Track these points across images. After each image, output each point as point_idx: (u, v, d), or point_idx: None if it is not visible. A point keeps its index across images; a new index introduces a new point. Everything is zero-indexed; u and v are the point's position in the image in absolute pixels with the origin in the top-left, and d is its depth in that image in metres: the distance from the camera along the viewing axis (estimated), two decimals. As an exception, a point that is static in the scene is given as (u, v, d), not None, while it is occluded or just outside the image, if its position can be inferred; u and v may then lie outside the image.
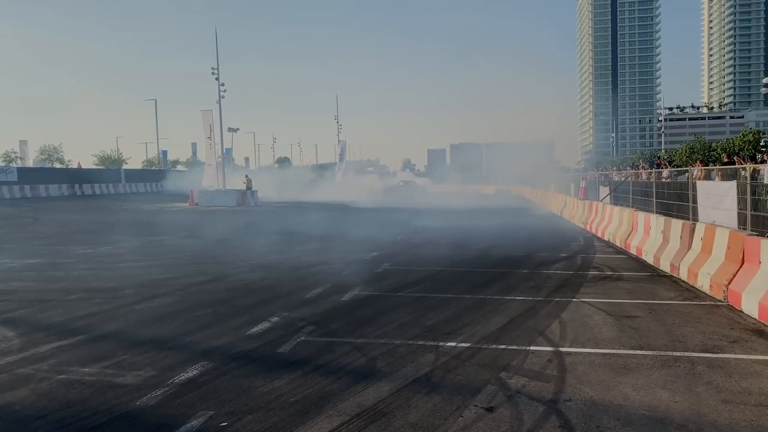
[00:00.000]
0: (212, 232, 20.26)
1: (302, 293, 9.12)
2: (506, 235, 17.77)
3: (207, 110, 42.39)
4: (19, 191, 50.80)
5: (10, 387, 5.19)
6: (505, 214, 26.81)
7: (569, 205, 25.04)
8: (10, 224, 23.25)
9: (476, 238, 17.15)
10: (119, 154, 72.66)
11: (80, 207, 36.65)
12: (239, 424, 4.37)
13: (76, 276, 11.01)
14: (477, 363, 5.73)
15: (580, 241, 16.38)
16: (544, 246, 14.97)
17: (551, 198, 32.44)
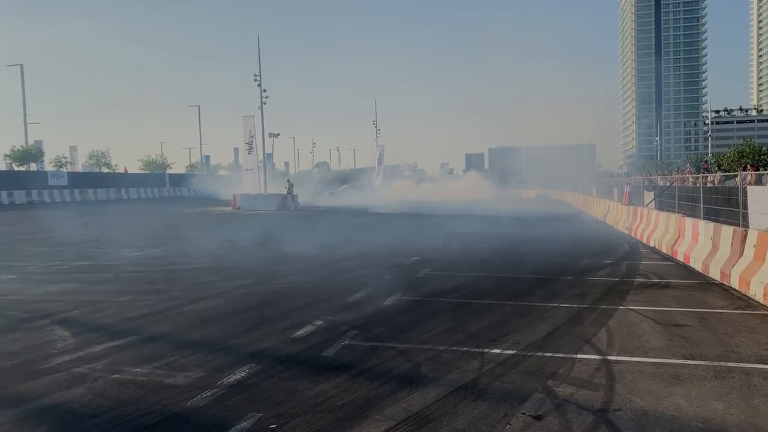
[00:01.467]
0: (254, 235, 20.57)
1: (344, 297, 9.18)
2: (548, 241, 17.55)
3: (249, 116, 43.12)
4: (69, 195, 52.53)
5: (67, 385, 5.37)
6: (546, 218, 26.48)
7: (613, 210, 24.57)
8: (62, 227, 24.04)
9: (517, 243, 16.98)
10: (163, 159, 74.35)
11: (126, 210, 37.68)
12: (287, 427, 4.43)
13: (126, 278, 11.32)
14: (523, 370, 5.68)
15: (624, 247, 16.06)
16: (588, 252, 14.73)
17: (594, 203, 31.90)
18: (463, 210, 31.73)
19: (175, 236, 20.05)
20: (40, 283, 10.68)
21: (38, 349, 6.55)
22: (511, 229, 21.60)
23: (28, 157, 57.71)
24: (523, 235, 19.28)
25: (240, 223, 26.87)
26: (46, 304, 8.92)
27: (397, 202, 39.26)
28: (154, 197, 62.18)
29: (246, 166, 44.74)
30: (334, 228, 23.19)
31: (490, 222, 24.25)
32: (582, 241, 17.42)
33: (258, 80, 41.71)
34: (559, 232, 20.20)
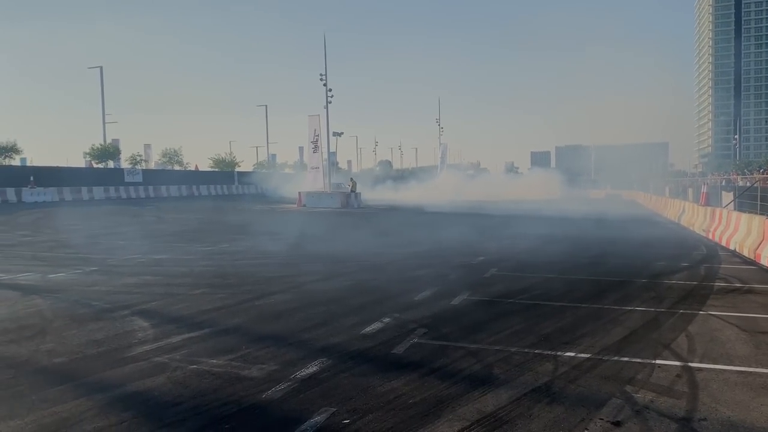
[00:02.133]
0: (319, 232, 20.88)
1: (411, 295, 9.17)
2: (619, 242, 16.99)
3: (314, 115, 43.77)
4: (144, 191, 54.82)
5: (149, 374, 5.58)
6: (617, 219, 25.65)
7: (688, 211, 23.55)
8: (138, 222, 25.12)
9: (587, 244, 16.53)
10: (232, 157, 76.49)
11: (198, 207, 38.96)
12: (361, 423, 4.45)
13: (199, 272, 11.70)
14: (599, 375, 5.51)
15: (702, 249, 15.36)
16: (663, 254, 14.16)
17: (667, 203, 30.67)
18: (529, 210, 31.16)
19: (243, 232, 20.58)
20: (119, 276, 11.18)
21: (120, 338, 6.84)
22: (580, 230, 21.05)
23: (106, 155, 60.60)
24: (593, 237, 18.76)
25: (305, 220, 27.34)
26: (125, 295, 9.33)
27: (459, 201, 38.97)
28: (223, 194, 64.09)
29: (311, 165, 45.48)
30: (397, 226, 23.24)
31: (558, 222, 23.71)
32: (656, 243, 16.77)
33: (324, 80, 42.28)
34: (631, 234, 19.52)
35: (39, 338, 6.85)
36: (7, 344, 6.61)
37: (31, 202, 41.29)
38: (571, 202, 39.88)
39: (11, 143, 54.02)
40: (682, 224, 23.09)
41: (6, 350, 6.39)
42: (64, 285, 10.21)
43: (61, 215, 29.16)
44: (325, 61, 42.47)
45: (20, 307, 8.54)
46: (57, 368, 5.82)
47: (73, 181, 48.14)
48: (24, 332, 7.10)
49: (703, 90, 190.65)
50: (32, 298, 9.10)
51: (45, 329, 7.25)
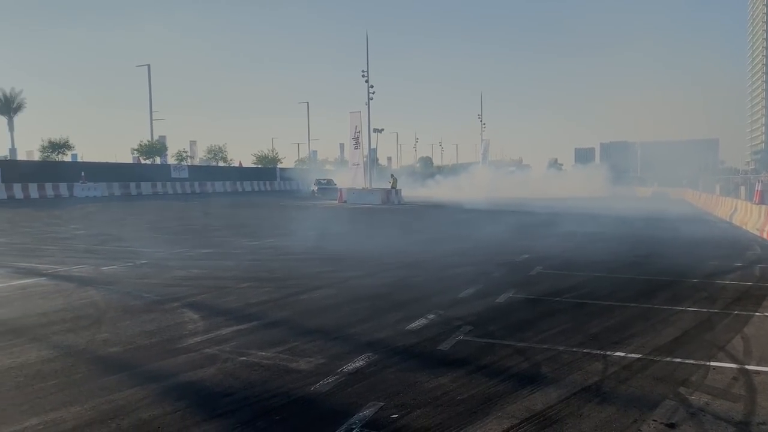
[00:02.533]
0: (360, 228, 20.99)
1: (454, 292, 9.14)
2: (668, 241, 16.57)
3: (355, 112, 44.05)
4: (190, 187, 56.02)
5: (200, 365, 5.71)
6: (665, 218, 25.01)
7: (740, 209, 22.79)
8: (184, 217, 25.71)
9: (634, 243, 16.18)
10: (275, 154, 77.48)
11: (241, 202, 39.64)
12: (409, 418, 4.47)
13: (246, 266, 11.91)
14: (651, 375, 5.39)
15: (756, 249, 14.84)
16: (714, 254, 13.75)
17: (717, 202, 29.74)
18: (573, 207, 30.65)
19: (287, 228, 20.84)
20: (168, 269, 11.46)
21: (172, 329, 7.02)
22: (626, 228, 20.61)
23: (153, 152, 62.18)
24: (640, 235, 18.35)
25: (347, 216, 27.51)
26: (175, 288, 9.56)
27: (501, 198, 38.61)
28: (265, 190, 64.99)
29: (352, 161, 45.76)
30: (439, 223, 23.17)
31: (604, 220, 23.25)
32: (707, 242, 16.30)
33: (366, 77, 42.45)
34: (680, 232, 19.01)
35: (94, 328, 7.08)
36: (65, 333, 6.86)
37: (83, 196, 42.68)
38: (617, 200, 39.06)
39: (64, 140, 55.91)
40: (734, 223, 22.36)
41: (64, 339, 6.63)
42: (116, 277, 10.53)
43: (111, 210, 30.07)
44: (367, 58, 42.80)
45: (76, 297, 8.85)
46: (112, 357, 6.01)
47: (121, 176, 49.57)
48: (80, 322, 7.36)
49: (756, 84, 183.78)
50: (86, 290, 9.41)
51: (100, 319, 7.49)
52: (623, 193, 50.39)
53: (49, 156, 55.29)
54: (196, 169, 62.41)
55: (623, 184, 58.26)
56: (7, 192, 39.86)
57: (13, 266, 11.81)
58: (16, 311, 7.93)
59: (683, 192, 47.03)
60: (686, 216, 26.99)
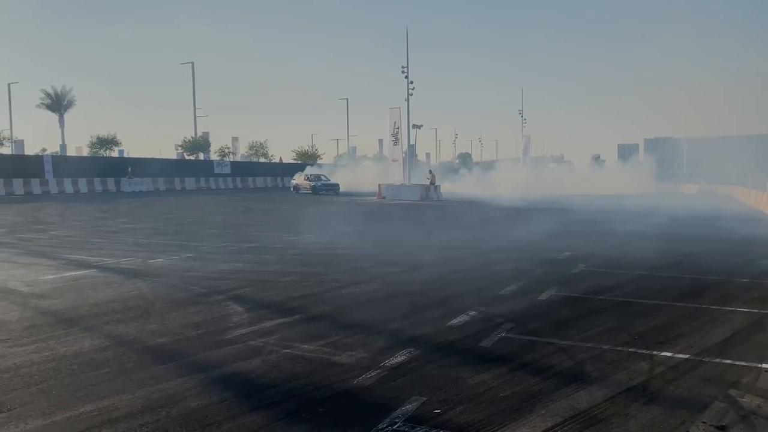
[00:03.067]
0: (400, 224, 21.02)
1: (496, 289, 9.09)
2: (715, 240, 16.11)
3: (395, 108, 44.03)
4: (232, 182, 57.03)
5: (245, 356, 5.84)
6: (712, 216, 24.31)
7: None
8: (228, 212, 26.19)
9: (680, 241, 15.79)
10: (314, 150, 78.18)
11: (282, 197, 40.13)
12: (452, 413, 4.48)
13: (288, 260, 12.08)
14: (699, 376, 5.28)
15: (809, 249, 14.31)
16: (765, 253, 13.32)
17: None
18: (616, 205, 30.06)
19: (327, 223, 21.03)
20: (213, 262, 11.70)
21: (217, 321, 7.18)
22: (672, 226, 20.12)
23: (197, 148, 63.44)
24: (686, 234, 17.89)
25: (385, 212, 27.59)
26: (220, 281, 9.76)
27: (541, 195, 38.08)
28: (304, 186, 65.49)
29: (391, 157, 45.80)
30: (478, 219, 23.03)
31: (649, 218, 22.74)
32: (756, 241, 15.79)
33: (405, 73, 42.40)
34: (728, 231, 18.45)
35: (143, 319, 7.30)
36: (116, 324, 7.08)
37: (129, 191, 43.89)
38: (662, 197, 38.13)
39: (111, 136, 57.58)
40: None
41: (115, 329, 6.85)
42: (162, 270, 10.81)
43: (157, 204, 30.83)
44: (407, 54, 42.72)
45: (124, 289, 9.12)
46: (161, 347, 6.18)
47: (166, 171, 50.74)
48: (129, 313, 7.59)
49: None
50: (135, 282, 9.69)
51: (148, 311, 7.71)
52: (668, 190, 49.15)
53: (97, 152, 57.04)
54: (238, 164, 63.42)
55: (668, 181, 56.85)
56: (58, 187, 41.28)
57: (65, 258, 12.23)
58: (69, 302, 8.23)
59: (732, 189, 45.59)
60: (735, 214, 26.17)
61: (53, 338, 6.43)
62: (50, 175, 41.72)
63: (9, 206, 27.71)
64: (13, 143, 61.10)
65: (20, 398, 4.76)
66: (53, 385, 5.06)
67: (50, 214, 23.89)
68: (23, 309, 7.78)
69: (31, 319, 7.28)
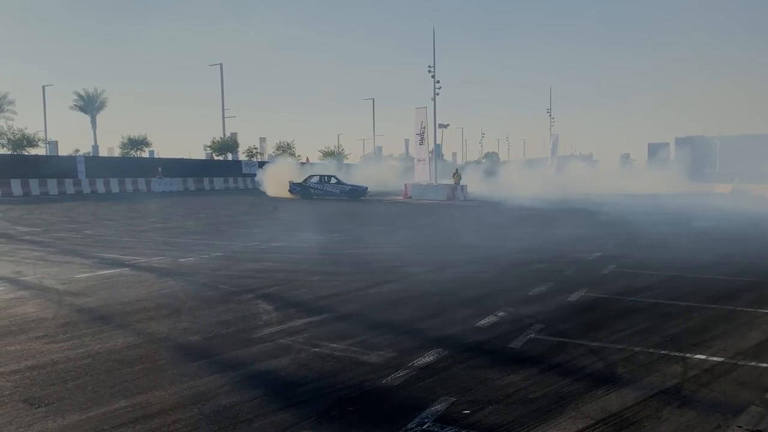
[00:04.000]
0: (427, 224, 20.97)
1: (525, 290, 9.02)
2: (749, 241, 15.76)
3: (421, 107, 43.90)
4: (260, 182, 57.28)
5: (274, 355, 5.89)
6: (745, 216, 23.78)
7: (832, 208, 21.38)
8: (256, 211, 26.43)
9: (713, 241, 15.49)
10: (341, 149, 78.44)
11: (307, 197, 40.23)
12: (481, 414, 4.47)
13: (315, 259, 12.15)
14: (734, 380, 5.18)
15: None
16: (802, 254, 12.99)
17: (806, 199, 27.99)
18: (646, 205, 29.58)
19: (353, 222, 21.11)
20: (242, 261, 11.83)
21: (247, 320, 7.26)
22: (704, 226, 19.73)
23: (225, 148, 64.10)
24: (719, 234, 17.53)
25: (412, 211, 27.54)
26: (249, 279, 9.87)
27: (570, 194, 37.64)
28: (331, 186, 65.75)
29: (417, 157, 45.71)
30: (506, 220, 22.86)
31: (680, 219, 22.35)
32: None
33: (432, 72, 42.31)
34: (762, 231, 18.04)
35: (175, 317, 7.41)
36: (148, 321, 7.21)
37: (159, 191, 44.53)
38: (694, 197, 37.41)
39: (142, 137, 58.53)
40: (825, 222, 21.02)
41: (147, 327, 6.97)
42: (193, 269, 10.96)
43: (187, 204, 31.25)
44: (433, 53, 42.52)
45: (156, 288, 9.27)
46: (192, 345, 6.28)
47: (195, 171, 51.38)
48: (161, 311, 7.72)
49: None
50: (166, 280, 9.85)
51: (179, 309, 7.83)
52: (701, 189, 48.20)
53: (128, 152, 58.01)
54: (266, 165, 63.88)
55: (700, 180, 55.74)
56: (91, 186, 42.09)
57: (98, 257, 12.48)
58: (103, 300, 8.39)
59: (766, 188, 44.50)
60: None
61: (88, 335, 6.57)
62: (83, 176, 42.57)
63: (44, 206, 28.37)
64: (48, 144, 62.48)
65: (57, 393, 4.88)
66: (89, 381, 5.18)
67: (83, 214, 24.39)
68: (59, 306, 7.96)
69: (67, 316, 7.45)
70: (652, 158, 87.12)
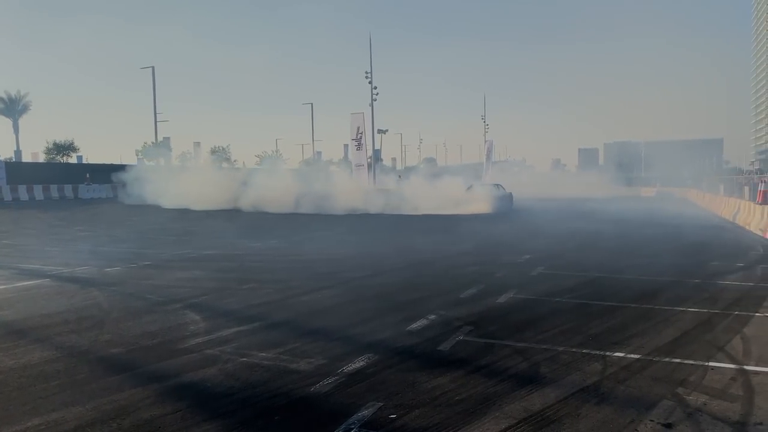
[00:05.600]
0: (366, 229, 21.01)
1: (457, 293, 9.16)
2: (671, 241, 16.56)
3: (357, 113, 43.96)
4: (193, 188, 55.83)
5: (201, 365, 5.76)
6: (669, 218, 24.99)
7: (743, 210, 22.75)
8: (186, 218, 25.77)
9: (637, 243, 16.19)
10: (278, 155, 77.58)
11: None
12: (407, 418, 4.50)
13: (248, 267, 11.96)
14: (649, 376, 5.41)
15: (758, 249, 14.82)
16: (716, 254, 13.75)
17: (721, 202, 29.70)
18: (576, 208, 30.61)
19: (292, 228, 20.90)
20: (171, 270, 11.52)
21: (174, 330, 7.07)
22: (630, 228, 20.61)
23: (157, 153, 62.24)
24: (644, 236, 18.35)
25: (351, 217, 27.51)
26: (177, 289, 9.61)
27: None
28: (269, 191, 64.96)
29: (356, 162, 45.73)
30: (441, 225, 23.18)
31: (608, 221, 23.25)
32: (709, 243, 16.29)
33: (369, 78, 42.50)
34: (683, 232, 18.99)
35: (97, 329, 7.14)
36: (68, 334, 6.91)
37: (88, 198, 42.87)
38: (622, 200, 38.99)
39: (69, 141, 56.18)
40: (738, 223, 22.33)
41: (67, 340, 6.68)
42: (119, 278, 10.59)
43: (116, 211, 30.17)
44: (370, 60, 42.96)
45: (79, 299, 8.91)
46: (115, 358, 6.06)
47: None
48: (83, 323, 7.41)
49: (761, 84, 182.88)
50: (90, 291, 9.47)
51: (103, 320, 7.55)
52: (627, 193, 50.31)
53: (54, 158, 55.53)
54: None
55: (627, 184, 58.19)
56: (12, 194, 40.03)
57: (17, 268, 11.89)
58: (20, 313, 8.00)
59: (687, 192, 46.93)
60: (690, 216, 26.94)
61: (1, 351, 6.24)
62: (3, 182, 40.46)
63: (-40, 214, 26.80)
64: (-35, 149, 59.10)
65: (-36, 414, 4.61)
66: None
67: (3, 222, 23.19)
68: (-29, 321, 7.53)
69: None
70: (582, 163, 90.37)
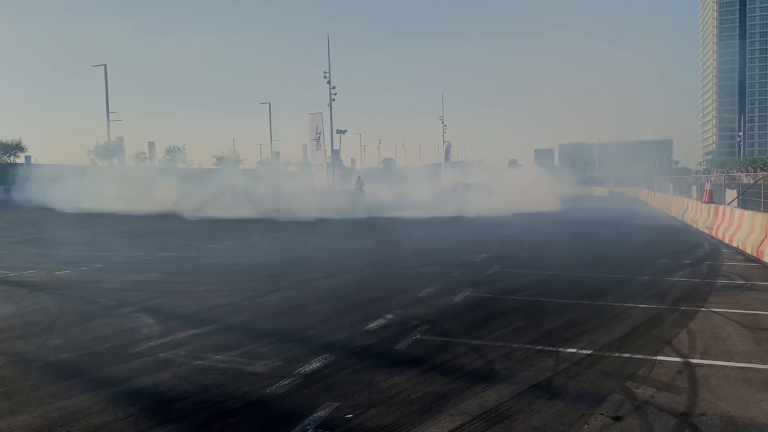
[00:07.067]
0: (323, 231, 20.93)
1: (414, 292, 9.22)
2: (623, 240, 17.02)
3: (316, 113, 43.84)
4: (148, 189, 54.66)
5: (154, 369, 5.65)
6: (621, 217, 25.67)
7: (691, 208, 23.56)
8: (143, 220, 25.19)
9: (590, 242, 16.58)
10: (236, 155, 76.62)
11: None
12: (363, 417, 4.51)
13: (204, 269, 11.78)
14: (600, 371, 5.55)
15: (704, 247, 15.37)
16: (666, 252, 14.20)
17: (670, 201, 30.68)
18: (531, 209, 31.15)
19: (248, 230, 20.66)
20: (124, 273, 11.26)
21: (126, 334, 6.91)
22: (584, 227, 21.08)
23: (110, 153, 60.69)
24: (596, 234, 18.80)
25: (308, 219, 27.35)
26: (130, 292, 9.40)
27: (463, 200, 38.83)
28: (226, 192, 64.05)
29: (314, 163, 45.56)
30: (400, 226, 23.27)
31: (561, 221, 23.74)
32: (659, 241, 16.81)
33: (327, 78, 42.37)
34: (634, 231, 19.55)
35: (46, 334, 6.92)
36: (15, 340, 6.69)
37: (36, 199, 41.38)
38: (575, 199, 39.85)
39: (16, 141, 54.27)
40: (686, 221, 23.11)
41: (13, 346, 6.46)
42: (69, 282, 10.29)
43: (66, 212, 29.26)
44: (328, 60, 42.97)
45: (27, 303, 8.63)
46: (64, 364, 5.89)
47: (77, 178, 48.17)
48: (31, 328, 7.18)
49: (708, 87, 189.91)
50: (38, 295, 9.18)
51: (51, 326, 7.32)
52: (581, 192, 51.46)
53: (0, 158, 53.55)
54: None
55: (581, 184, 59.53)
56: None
57: (-40, 272, 11.43)
58: (-37, 319, 7.69)
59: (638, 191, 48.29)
60: (640, 214, 27.74)
61: (-58, 359, 5.99)
62: None
63: None
64: None
65: None
66: (-61, 409, 4.72)
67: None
68: None
69: None
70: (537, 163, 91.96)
